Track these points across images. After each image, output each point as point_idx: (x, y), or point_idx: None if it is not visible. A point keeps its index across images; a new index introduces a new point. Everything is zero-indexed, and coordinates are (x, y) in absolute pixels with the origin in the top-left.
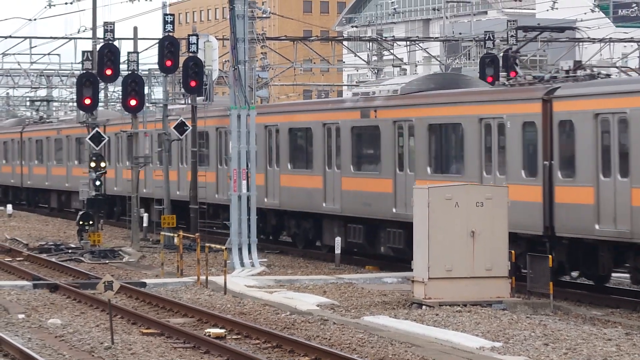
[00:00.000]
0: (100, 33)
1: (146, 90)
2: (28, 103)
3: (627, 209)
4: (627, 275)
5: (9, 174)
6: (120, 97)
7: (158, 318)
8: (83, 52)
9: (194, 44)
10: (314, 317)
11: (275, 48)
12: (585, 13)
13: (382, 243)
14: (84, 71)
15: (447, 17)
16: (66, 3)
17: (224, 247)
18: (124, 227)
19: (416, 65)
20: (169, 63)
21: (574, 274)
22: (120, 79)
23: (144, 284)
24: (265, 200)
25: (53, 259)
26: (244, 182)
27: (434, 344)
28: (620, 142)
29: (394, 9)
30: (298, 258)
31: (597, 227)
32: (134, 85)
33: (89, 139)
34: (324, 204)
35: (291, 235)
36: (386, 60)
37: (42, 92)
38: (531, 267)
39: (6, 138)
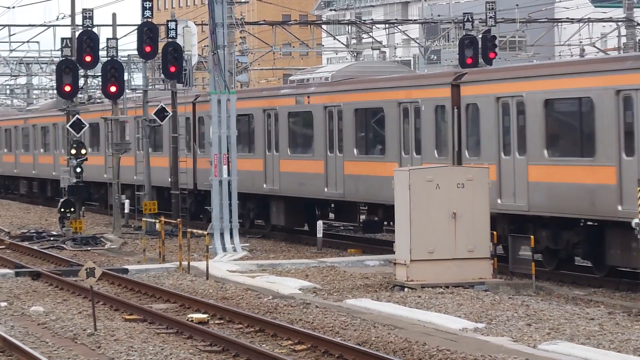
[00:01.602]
0: (79, 20)
1: (126, 77)
2: (8, 91)
3: None
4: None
5: (49, 166)
6: (100, 83)
7: (140, 304)
8: (62, 39)
9: (173, 29)
10: (296, 301)
11: (254, 32)
12: None
13: None
14: (63, 58)
15: (425, 0)
16: None
17: (205, 233)
18: (105, 213)
19: (395, 48)
20: (148, 49)
21: None
22: (99, 66)
23: (126, 271)
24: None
25: (35, 247)
26: (225, 167)
27: (417, 325)
28: None
29: None
30: (280, 242)
31: None
32: (114, 72)
33: (70, 125)
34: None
35: (541, 250)
36: (365, 43)
37: (21, 80)
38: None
39: (45, 123)
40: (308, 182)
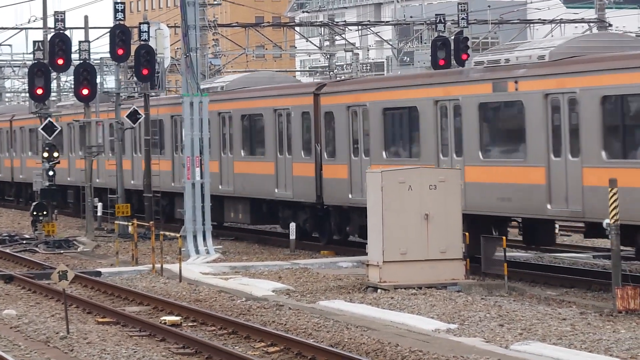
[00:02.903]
0: (51, 23)
1: (98, 79)
2: None
3: None
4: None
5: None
6: (73, 86)
7: (113, 307)
8: (34, 42)
9: (145, 32)
10: (269, 303)
11: (227, 35)
12: None
13: None
14: (36, 61)
15: (398, 1)
16: None
17: (178, 235)
18: (78, 216)
19: (368, 50)
20: (120, 52)
21: None
22: (72, 69)
23: (99, 273)
24: None
25: (7, 250)
26: (198, 170)
27: (390, 327)
28: None
29: None
30: (253, 244)
31: None
32: (86, 75)
33: (42, 129)
34: None
35: None
36: (338, 45)
37: None
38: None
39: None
40: (522, 196)
